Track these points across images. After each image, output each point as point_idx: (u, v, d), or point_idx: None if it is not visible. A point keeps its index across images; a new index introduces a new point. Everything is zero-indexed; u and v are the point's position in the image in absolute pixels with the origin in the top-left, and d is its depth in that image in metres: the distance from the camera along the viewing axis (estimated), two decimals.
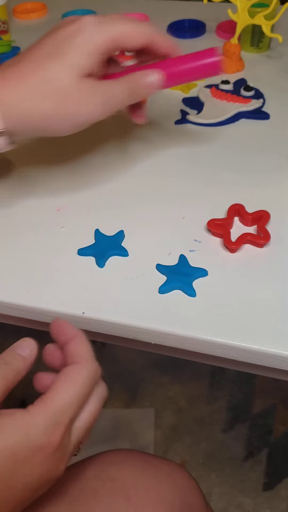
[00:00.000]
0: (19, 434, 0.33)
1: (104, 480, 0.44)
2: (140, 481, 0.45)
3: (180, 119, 0.68)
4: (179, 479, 0.47)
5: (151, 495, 0.44)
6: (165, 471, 0.47)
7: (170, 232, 0.52)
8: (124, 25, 0.45)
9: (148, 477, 0.45)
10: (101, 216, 0.55)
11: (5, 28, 0.88)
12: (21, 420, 0.33)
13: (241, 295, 0.45)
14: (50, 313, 0.46)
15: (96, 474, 0.45)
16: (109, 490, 0.43)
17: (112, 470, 0.45)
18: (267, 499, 0.99)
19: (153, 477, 0.45)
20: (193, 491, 0.48)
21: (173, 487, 0.46)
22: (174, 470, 0.48)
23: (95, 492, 0.43)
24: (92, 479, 0.44)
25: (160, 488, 0.45)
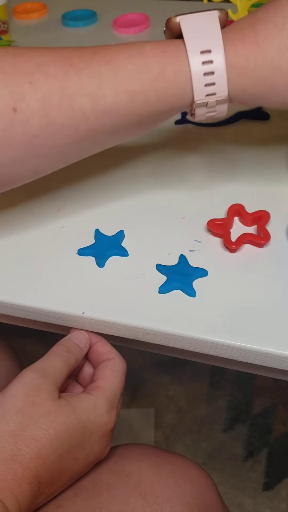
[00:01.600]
0: (90, 411, 0.39)
1: (119, 475, 0.44)
2: (156, 478, 0.44)
3: (180, 119, 0.68)
4: (195, 477, 0.46)
5: (168, 493, 0.43)
6: (182, 469, 0.46)
7: (170, 232, 0.52)
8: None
9: (164, 473, 0.44)
10: (101, 216, 0.55)
11: (5, 28, 0.88)
12: (89, 401, 0.39)
13: (241, 295, 0.45)
14: (50, 313, 0.46)
15: (111, 469, 0.44)
16: (124, 485, 0.43)
17: (127, 464, 0.45)
18: (267, 499, 0.99)
19: (170, 474, 0.45)
20: (210, 490, 0.47)
21: (190, 486, 0.44)
22: (190, 468, 0.47)
23: (110, 486, 0.42)
24: (106, 473, 0.44)
25: (177, 486, 0.44)
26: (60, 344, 0.43)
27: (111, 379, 0.42)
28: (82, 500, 0.41)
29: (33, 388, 0.38)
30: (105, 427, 0.40)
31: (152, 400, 1.15)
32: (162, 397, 1.15)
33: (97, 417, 0.39)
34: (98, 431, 0.40)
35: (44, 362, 0.41)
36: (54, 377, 0.40)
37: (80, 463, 0.39)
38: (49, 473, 0.36)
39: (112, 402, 0.41)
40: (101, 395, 0.40)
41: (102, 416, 0.40)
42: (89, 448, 0.39)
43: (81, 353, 0.44)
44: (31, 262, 0.50)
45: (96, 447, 0.40)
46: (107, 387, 0.41)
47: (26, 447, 0.35)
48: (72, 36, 0.93)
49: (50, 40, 0.91)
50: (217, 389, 1.16)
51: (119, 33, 0.92)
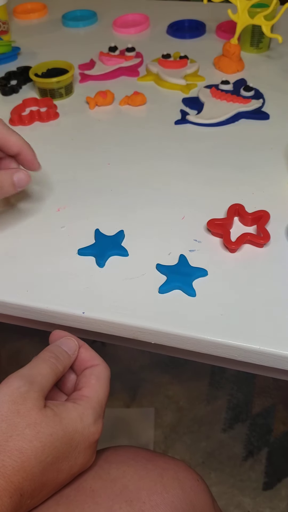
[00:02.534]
0: (77, 422, 0.38)
1: (104, 481, 0.42)
2: (143, 483, 0.42)
3: (180, 119, 0.68)
4: (186, 481, 0.44)
5: (154, 499, 0.41)
6: (171, 473, 0.44)
7: (170, 232, 0.52)
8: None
9: (152, 478, 0.43)
10: (101, 216, 0.55)
11: (5, 28, 0.88)
12: (76, 411, 0.38)
13: (241, 295, 0.45)
14: (50, 313, 0.46)
15: (95, 474, 0.42)
16: (110, 492, 0.41)
17: (113, 469, 0.43)
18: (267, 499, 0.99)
19: (158, 478, 0.43)
20: (201, 495, 0.45)
21: (178, 491, 0.43)
22: (181, 471, 0.45)
23: (94, 493, 0.41)
24: (90, 479, 0.42)
25: (165, 491, 0.42)
26: (48, 351, 0.42)
27: (97, 387, 0.41)
28: (63, 508, 0.39)
29: (19, 396, 0.36)
30: (91, 438, 0.39)
31: (152, 400, 1.15)
32: (162, 397, 1.15)
33: (84, 428, 0.38)
34: (84, 442, 0.38)
35: (31, 369, 0.39)
36: (41, 385, 0.38)
37: (64, 474, 0.38)
38: (31, 486, 0.35)
39: (98, 412, 0.40)
40: (88, 405, 0.39)
41: (89, 427, 0.38)
42: (74, 459, 0.38)
43: (69, 360, 0.42)
44: (31, 262, 0.50)
45: (81, 458, 0.39)
46: (93, 397, 0.40)
47: (9, 459, 0.34)
48: (72, 36, 0.93)
49: (50, 40, 0.91)
50: (217, 389, 1.16)
51: (119, 33, 0.92)
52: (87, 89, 0.77)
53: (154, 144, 0.65)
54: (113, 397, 1.15)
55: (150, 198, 0.56)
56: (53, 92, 0.74)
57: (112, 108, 0.72)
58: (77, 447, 0.38)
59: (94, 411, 0.39)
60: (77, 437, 0.38)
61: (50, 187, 0.59)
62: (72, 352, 0.43)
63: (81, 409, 0.39)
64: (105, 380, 0.42)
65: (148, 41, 0.89)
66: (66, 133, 0.68)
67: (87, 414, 0.38)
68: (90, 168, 0.62)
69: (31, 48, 0.88)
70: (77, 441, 0.38)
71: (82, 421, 0.38)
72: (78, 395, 0.40)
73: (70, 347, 0.43)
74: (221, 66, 0.78)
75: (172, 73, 0.76)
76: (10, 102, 0.75)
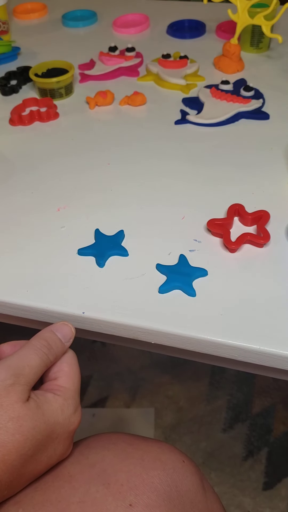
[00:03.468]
0: (58, 414, 0.37)
1: (82, 465, 0.41)
2: (122, 466, 0.41)
3: (180, 119, 0.68)
4: (169, 462, 0.43)
5: (133, 481, 0.40)
6: (153, 454, 0.43)
7: (170, 232, 0.52)
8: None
9: (133, 460, 0.42)
10: (101, 216, 0.55)
11: (5, 28, 0.88)
12: (57, 403, 0.38)
13: (241, 295, 0.45)
14: (50, 313, 0.46)
15: (75, 460, 0.42)
16: (87, 476, 0.40)
17: (92, 454, 0.42)
18: (267, 499, 0.99)
19: (138, 461, 0.42)
20: (187, 476, 0.44)
21: (160, 471, 0.42)
22: (165, 453, 0.44)
23: (71, 478, 0.40)
24: (69, 464, 0.41)
25: (144, 473, 0.41)
26: (41, 338, 0.40)
27: (72, 375, 0.40)
28: (40, 494, 0.39)
29: (4, 389, 0.35)
30: (71, 428, 0.39)
31: (152, 400, 1.15)
32: (162, 397, 1.15)
33: (65, 419, 0.38)
34: (64, 433, 0.38)
35: (20, 359, 0.38)
36: (27, 378, 0.37)
37: (42, 465, 0.38)
38: (10, 477, 0.35)
39: (77, 400, 0.40)
40: (68, 395, 0.39)
41: (70, 418, 0.38)
42: (53, 450, 0.38)
43: (62, 349, 0.41)
44: (31, 262, 0.50)
45: (60, 448, 0.39)
46: (71, 386, 0.40)
47: None
48: (72, 36, 0.93)
49: (50, 40, 0.91)
50: (217, 389, 1.16)
51: (119, 33, 0.93)
52: (87, 89, 0.77)
53: (154, 144, 0.65)
54: (113, 397, 1.16)
55: (150, 198, 0.56)
56: (53, 92, 0.74)
57: (112, 108, 0.72)
58: (57, 438, 0.38)
59: (74, 401, 0.39)
60: (58, 429, 0.37)
61: (50, 187, 0.59)
62: (67, 340, 0.41)
63: (61, 400, 0.38)
64: (76, 366, 0.41)
65: (148, 41, 0.89)
66: (66, 133, 0.68)
67: (67, 405, 0.38)
68: (90, 168, 0.62)
69: (31, 48, 0.88)
70: (58, 432, 0.38)
71: (63, 412, 0.38)
72: (55, 386, 0.39)
73: (65, 334, 0.41)
74: (221, 66, 0.78)
75: (172, 73, 0.76)
76: (10, 102, 0.75)
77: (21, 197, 0.58)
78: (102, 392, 1.16)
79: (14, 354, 0.38)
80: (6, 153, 0.65)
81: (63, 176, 0.61)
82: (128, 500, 0.39)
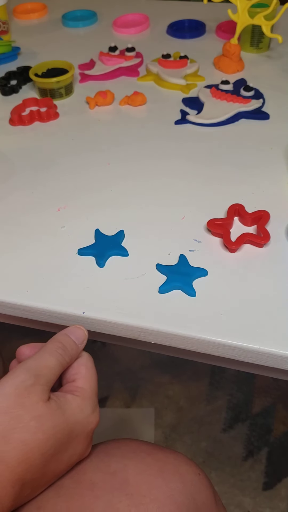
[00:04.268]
0: (77, 414, 0.39)
1: (104, 473, 0.42)
2: (143, 477, 0.42)
3: (180, 119, 0.68)
4: (187, 475, 0.44)
5: (155, 493, 0.41)
6: (172, 466, 0.44)
7: (170, 232, 0.52)
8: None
9: (153, 471, 0.42)
10: (101, 216, 0.55)
11: (5, 28, 0.88)
12: (76, 403, 0.39)
13: (241, 295, 0.45)
14: (50, 313, 0.46)
15: (96, 467, 0.42)
16: (109, 485, 0.41)
17: (113, 463, 0.43)
18: (266, 499, 0.99)
19: (158, 472, 0.43)
20: (202, 489, 0.45)
21: (179, 485, 0.43)
22: (182, 465, 0.45)
23: (94, 485, 0.41)
24: (90, 471, 0.42)
25: (165, 485, 0.42)
26: (56, 341, 0.41)
27: (89, 377, 0.42)
28: (63, 501, 0.40)
29: (25, 389, 0.37)
30: (90, 427, 0.40)
31: (152, 400, 1.15)
32: (162, 397, 1.15)
33: (84, 419, 0.39)
34: (83, 432, 0.39)
35: (38, 361, 0.39)
36: (46, 378, 0.38)
37: (63, 464, 0.39)
38: (32, 476, 0.36)
39: (95, 401, 0.41)
40: (86, 396, 0.40)
41: (88, 417, 0.40)
42: (73, 449, 0.39)
43: (76, 351, 0.42)
44: (31, 262, 0.50)
45: (80, 448, 0.40)
46: (88, 387, 0.41)
47: (13, 450, 0.34)
48: (72, 36, 0.93)
49: (50, 40, 0.91)
50: (217, 389, 1.16)
51: (119, 33, 0.93)
52: (87, 89, 0.77)
53: (154, 144, 0.65)
54: (113, 397, 1.16)
55: (150, 198, 0.56)
56: (53, 92, 0.74)
57: (112, 108, 0.72)
58: (77, 437, 0.39)
59: (92, 402, 0.40)
60: (77, 428, 0.38)
61: (50, 187, 0.59)
62: (80, 342, 0.43)
63: (80, 400, 0.39)
64: (93, 368, 0.43)
65: (148, 41, 0.89)
66: (66, 133, 0.68)
67: (85, 405, 0.39)
68: (90, 168, 0.62)
69: (31, 48, 0.88)
70: (77, 432, 0.39)
71: (82, 412, 0.39)
72: (73, 387, 0.41)
73: (79, 337, 0.43)
74: (221, 66, 0.78)
75: (172, 73, 0.76)
76: (10, 102, 0.75)
77: (21, 197, 0.58)
78: (102, 392, 1.16)
79: (31, 357, 0.40)
80: (6, 153, 0.65)
81: (63, 176, 0.61)
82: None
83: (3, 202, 0.57)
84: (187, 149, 0.64)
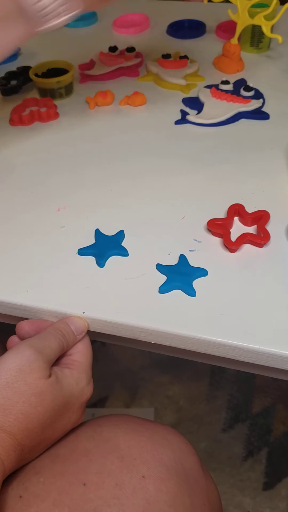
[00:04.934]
0: (73, 387, 0.42)
1: (97, 441, 0.45)
2: (134, 442, 0.45)
3: (180, 119, 0.68)
4: (174, 442, 0.47)
5: (145, 456, 0.44)
6: (161, 433, 0.47)
7: (170, 232, 0.52)
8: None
9: (143, 438, 0.46)
10: (101, 216, 0.55)
11: None
12: (72, 377, 0.43)
13: (241, 295, 0.45)
14: (50, 313, 0.46)
15: (89, 436, 0.46)
16: (102, 450, 0.44)
17: (105, 432, 0.46)
18: (266, 499, 0.99)
19: (148, 439, 0.46)
20: (190, 456, 0.48)
21: (167, 449, 0.46)
22: (170, 434, 0.49)
23: (88, 452, 0.44)
24: (84, 440, 0.45)
25: (155, 448, 0.45)
26: (57, 328, 0.44)
27: (85, 351, 0.45)
28: (59, 466, 0.43)
29: (28, 365, 0.40)
30: (83, 398, 0.44)
31: (152, 400, 1.15)
32: (162, 397, 1.15)
33: (79, 391, 0.43)
34: (77, 403, 0.43)
35: (41, 340, 0.42)
36: (48, 357, 0.41)
37: (59, 432, 0.43)
38: (31, 442, 0.40)
39: (89, 374, 0.45)
40: (82, 369, 0.44)
41: (83, 389, 0.43)
42: (68, 418, 0.43)
43: (74, 341, 0.45)
44: (31, 262, 0.50)
45: (74, 416, 0.44)
46: (84, 361, 0.45)
47: (15, 421, 0.38)
48: (72, 36, 0.93)
49: (50, 40, 0.91)
50: (217, 389, 1.16)
51: (119, 33, 0.92)
52: (87, 89, 0.77)
53: (154, 144, 0.65)
54: (113, 397, 1.16)
55: (150, 198, 0.56)
56: (53, 92, 0.74)
57: (112, 108, 0.72)
58: (71, 407, 0.43)
59: (87, 375, 0.44)
60: (72, 400, 0.42)
61: (50, 187, 0.59)
62: (79, 332, 0.45)
63: (76, 374, 0.43)
64: (89, 343, 0.46)
65: (148, 41, 0.89)
66: (66, 133, 0.68)
67: (81, 378, 0.43)
68: (90, 168, 0.62)
69: (31, 48, 0.88)
70: (72, 403, 0.43)
71: (78, 385, 0.43)
72: (71, 361, 0.44)
73: (78, 327, 0.45)
74: (221, 66, 0.78)
75: (172, 73, 0.76)
76: (10, 102, 0.75)
77: (21, 197, 0.58)
78: (102, 392, 1.16)
79: (35, 336, 0.43)
80: (6, 153, 0.65)
81: (63, 176, 0.61)
82: (141, 473, 0.43)
83: (3, 202, 0.57)
84: (187, 149, 0.64)
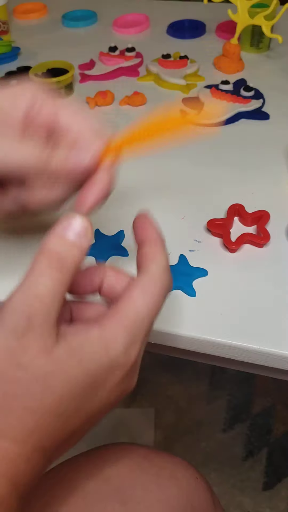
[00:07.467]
0: (101, 356, 0.28)
1: (98, 481, 0.39)
2: (138, 482, 0.40)
3: None
4: (183, 479, 0.43)
5: (150, 498, 0.39)
6: (168, 470, 0.42)
7: (170, 232, 0.52)
8: None
9: (148, 477, 0.41)
10: (101, 216, 0.55)
11: (5, 29, 0.88)
12: (99, 341, 0.28)
13: (241, 295, 0.45)
14: None
15: (89, 474, 0.39)
16: (103, 492, 0.38)
17: (107, 468, 0.40)
18: (267, 499, 0.99)
19: (154, 478, 0.41)
20: (200, 492, 0.43)
21: (176, 489, 0.41)
22: (178, 469, 0.43)
23: (86, 494, 0.38)
24: (84, 479, 0.39)
25: (161, 490, 0.40)
26: (44, 255, 0.29)
27: (139, 302, 0.29)
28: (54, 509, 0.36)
29: (17, 342, 0.27)
30: (123, 370, 0.29)
31: (152, 400, 1.15)
32: (162, 397, 1.15)
33: (112, 361, 0.28)
34: (115, 376, 0.29)
35: (25, 293, 0.28)
36: (43, 315, 0.27)
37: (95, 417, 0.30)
38: (54, 440, 0.28)
39: (134, 334, 0.29)
40: (118, 327, 0.28)
41: (118, 358, 0.28)
42: (105, 399, 0.29)
43: (80, 256, 0.29)
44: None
45: (114, 395, 0.30)
46: (130, 314, 0.29)
47: (17, 422, 0.26)
48: (72, 36, 0.93)
49: (50, 40, 0.91)
50: (217, 389, 1.16)
51: (119, 33, 0.92)
52: (87, 89, 0.77)
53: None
54: None
55: (150, 198, 0.56)
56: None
57: (112, 108, 0.72)
58: (105, 384, 0.29)
59: (128, 335, 0.28)
60: (102, 375, 0.28)
61: None
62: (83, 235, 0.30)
63: (107, 335, 0.28)
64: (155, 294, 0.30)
65: (148, 41, 0.89)
66: None
67: (115, 341, 0.28)
68: None
69: (31, 48, 0.88)
70: (103, 378, 0.28)
71: (108, 352, 0.28)
72: (112, 310, 0.29)
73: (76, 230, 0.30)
74: (221, 66, 0.78)
75: (172, 73, 0.76)
76: None
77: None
78: None
79: (15, 289, 0.30)
80: None
81: None
82: None
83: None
84: (187, 149, 0.64)
